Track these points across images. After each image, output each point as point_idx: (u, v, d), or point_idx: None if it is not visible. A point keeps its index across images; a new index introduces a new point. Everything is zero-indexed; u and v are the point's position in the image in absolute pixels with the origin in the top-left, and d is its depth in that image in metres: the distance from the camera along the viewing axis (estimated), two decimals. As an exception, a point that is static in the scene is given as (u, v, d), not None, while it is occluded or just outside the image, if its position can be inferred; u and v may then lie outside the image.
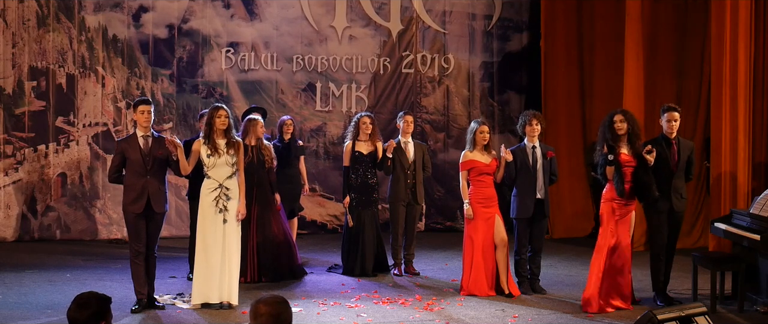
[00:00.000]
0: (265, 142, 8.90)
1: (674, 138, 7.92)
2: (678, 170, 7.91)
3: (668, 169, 7.85)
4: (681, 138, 8.01)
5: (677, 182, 7.91)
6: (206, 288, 7.67)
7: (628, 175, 7.74)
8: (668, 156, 7.86)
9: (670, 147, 7.90)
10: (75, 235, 11.62)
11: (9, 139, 11.42)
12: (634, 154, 7.74)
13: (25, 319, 7.27)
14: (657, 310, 5.28)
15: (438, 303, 7.98)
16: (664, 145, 7.89)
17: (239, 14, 12.21)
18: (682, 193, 7.96)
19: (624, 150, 7.76)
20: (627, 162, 7.73)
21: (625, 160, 7.73)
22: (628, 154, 7.75)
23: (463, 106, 13.07)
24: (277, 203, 9.02)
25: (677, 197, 7.91)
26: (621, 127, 7.76)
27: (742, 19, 9.71)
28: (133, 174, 7.54)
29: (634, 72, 11.18)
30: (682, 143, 7.98)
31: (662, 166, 7.80)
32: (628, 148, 7.77)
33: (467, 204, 8.37)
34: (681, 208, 7.97)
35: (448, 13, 12.98)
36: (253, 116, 9.04)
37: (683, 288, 8.66)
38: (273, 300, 3.77)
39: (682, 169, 7.94)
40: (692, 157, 7.98)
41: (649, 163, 7.68)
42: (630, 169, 7.75)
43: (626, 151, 7.76)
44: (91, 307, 4.00)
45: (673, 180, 7.88)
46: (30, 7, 11.43)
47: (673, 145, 7.91)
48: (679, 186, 7.94)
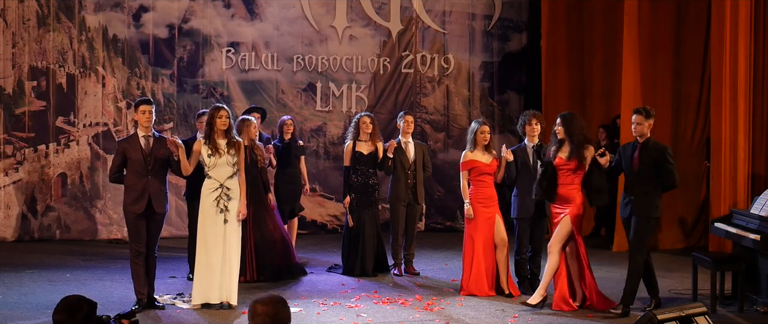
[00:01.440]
0: (257, 143, 8.89)
1: (642, 141, 7.57)
2: (640, 174, 7.51)
3: (630, 173, 7.58)
4: (652, 141, 7.58)
5: (638, 187, 7.52)
6: (206, 288, 7.68)
7: (562, 178, 7.70)
8: (631, 160, 7.58)
9: (634, 151, 7.59)
10: (75, 235, 11.62)
11: (9, 139, 11.42)
12: (576, 158, 7.61)
13: (25, 319, 7.27)
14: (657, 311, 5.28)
15: (438, 303, 7.98)
16: (632, 148, 7.66)
17: (240, 14, 12.22)
18: (645, 199, 7.48)
19: (562, 154, 7.70)
20: (561, 165, 7.70)
21: (558, 164, 7.70)
22: (563, 158, 7.68)
23: (463, 106, 13.07)
24: (271, 203, 9.01)
25: (638, 202, 7.50)
26: (558, 131, 7.74)
27: (742, 19, 9.71)
28: (134, 174, 7.54)
29: (633, 72, 11.18)
30: (649, 147, 7.54)
31: (626, 170, 7.63)
32: (566, 152, 7.68)
33: (468, 204, 8.38)
34: (639, 211, 7.50)
35: (447, 13, 12.98)
36: (245, 116, 9.05)
37: (683, 288, 8.66)
38: (270, 300, 3.77)
39: (645, 174, 7.49)
40: (663, 162, 7.47)
41: (604, 166, 7.55)
42: (565, 172, 7.69)
43: (564, 155, 7.68)
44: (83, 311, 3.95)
45: (634, 184, 7.55)
46: (30, 7, 11.44)
47: (637, 148, 7.59)
48: (642, 191, 7.50)
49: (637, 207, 7.50)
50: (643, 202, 7.48)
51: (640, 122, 7.56)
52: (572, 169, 7.67)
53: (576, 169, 7.66)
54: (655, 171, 7.49)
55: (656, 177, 7.49)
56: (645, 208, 7.48)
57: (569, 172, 7.68)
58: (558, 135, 7.76)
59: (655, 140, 7.63)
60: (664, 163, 7.46)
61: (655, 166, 7.48)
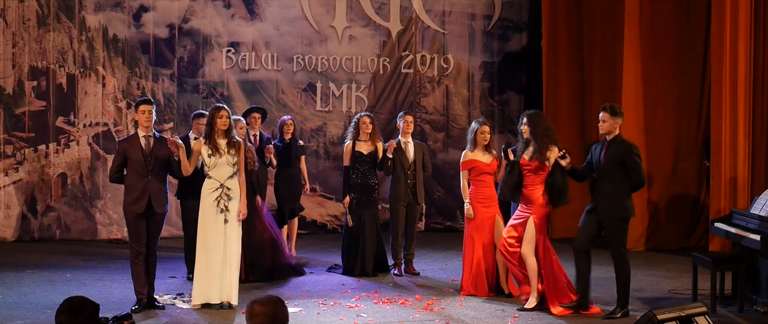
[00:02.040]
0: (247, 144, 8.87)
1: (609, 139, 7.39)
2: (604, 173, 7.36)
3: (597, 172, 7.43)
4: (620, 139, 7.39)
5: (604, 186, 7.37)
6: (207, 288, 7.67)
7: (526, 179, 7.66)
8: (598, 158, 7.44)
9: (600, 149, 7.46)
10: (75, 235, 11.62)
11: (9, 139, 11.42)
12: (538, 158, 7.55)
13: (25, 319, 7.27)
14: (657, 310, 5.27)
15: (438, 303, 7.98)
16: (600, 147, 7.48)
17: (240, 14, 12.22)
18: (612, 198, 7.32)
19: (526, 155, 7.67)
20: (523, 166, 7.67)
21: (522, 164, 7.68)
22: (526, 158, 7.65)
23: (463, 106, 13.07)
24: (258, 204, 8.99)
25: (604, 203, 7.36)
26: (524, 131, 7.71)
27: (742, 19, 9.71)
28: (134, 174, 7.54)
29: (633, 72, 11.18)
30: (616, 145, 7.37)
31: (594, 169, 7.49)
32: (529, 152, 7.65)
33: (468, 204, 8.37)
34: (608, 213, 7.34)
35: (447, 13, 12.98)
36: (235, 116, 9.03)
37: (683, 288, 8.66)
38: (268, 300, 3.77)
39: (611, 173, 7.32)
40: (628, 160, 7.27)
41: (566, 167, 7.46)
42: (527, 173, 7.65)
43: (527, 156, 7.65)
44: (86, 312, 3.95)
45: (598, 183, 7.42)
46: (30, 7, 11.44)
47: (603, 146, 7.44)
48: (608, 190, 7.34)
49: (604, 208, 7.34)
50: (609, 203, 7.32)
51: (606, 120, 7.39)
52: (533, 170, 7.61)
53: (537, 169, 7.60)
54: (622, 169, 7.30)
55: (624, 176, 7.31)
56: (614, 208, 7.32)
57: (531, 172, 7.63)
58: (524, 134, 7.71)
59: (622, 138, 7.45)
60: (630, 161, 7.28)
61: (621, 165, 7.30)
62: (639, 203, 11.26)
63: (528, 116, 7.74)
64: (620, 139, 7.42)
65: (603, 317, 7.45)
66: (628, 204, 7.37)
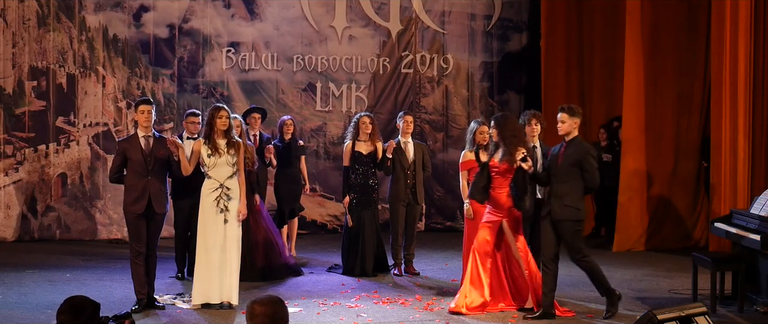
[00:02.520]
0: (247, 144, 8.86)
1: (567, 140, 7.34)
2: (560, 174, 7.28)
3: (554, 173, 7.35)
4: (578, 140, 7.32)
5: (559, 187, 7.29)
6: (207, 288, 7.67)
7: (494, 181, 7.61)
8: (553, 160, 7.38)
9: (558, 150, 7.40)
10: (75, 235, 11.62)
11: (9, 139, 11.43)
12: (507, 161, 7.48)
13: (25, 319, 7.27)
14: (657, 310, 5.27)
15: (438, 303, 7.97)
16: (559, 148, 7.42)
17: (240, 14, 12.22)
18: (565, 200, 7.24)
19: (495, 157, 7.60)
20: (493, 168, 7.62)
21: (491, 166, 7.63)
22: (496, 160, 7.58)
23: (463, 106, 13.07)
24: (256, 204, 8.99)
25: (557, 204, 7.28)
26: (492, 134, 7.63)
27: (742, 19, 9.71)
28: (134, 174, 7.54)
29: (634, 72, 11.18)
30: (574, 146, 7.30)
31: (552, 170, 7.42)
32: (499, 155, 7.58)
33: (467, 204, 8.37)
34: (561, 215, 7.26)
35: (447, 13, 12.98)
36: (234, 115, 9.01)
37: (683, 288, 8.67)
38: (268, 300, 3.77)
39: (567, 174, 7.25)
40: (584, 162, 7.20)
41: (528, 170, 7.36)
42: (496, 175, 7.60)
43: (496, 158, 7.59)
44: (87, 311, 3.95)
45: (553, 185, 7.34)
46: (30, 7, 11.44)
47: (560, 148, 7.38)
48: (561, 192, 7.27)
49: (558, 211, 7.25)
50: (563, 204, 7.24)
51: (564, 120, 7.33)
52: (502, 172, 7.55)
53: (506, 172, 7.54)
54: (578, 171, 7.24)
55: (580, 178, 7.24)
56: (567, 212, 7.24)
57: (499, 174, 7.57)
58: (493, 138, 7.66)
59: (581, 139, 7.38)
60: (586, 162, 7.21)
61: (577, 166, 7.23)
62: (639, 203, 11.30)
63: (495, 120, 7.67)
64: (578, 140, 7.36)
65: (603, 317, 7.44)
66: (580, 206, 7.29)
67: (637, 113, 11.23)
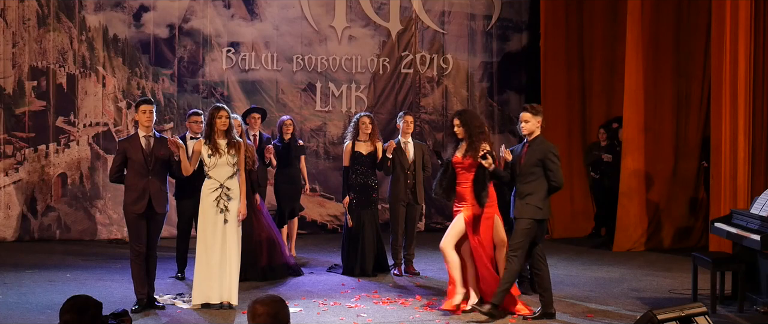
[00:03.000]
0: (247, 143, 8.86)
1: (530, 139, 7.31)
2: (524, 173, 7.24)
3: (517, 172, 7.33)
4: (540, 139, 7.28)
5: (521, 187, 7.26)
6: (207, 288, 7.67)
7: (459, 177, 7.59)
8: (516, 159, 7.36)
9: (520, 149, 7.39)
10: (75, 235, 11.62)
11: (9, 139, 11.43)
12: (471, 156, 7.46)
13: (25, 319, 7.27)
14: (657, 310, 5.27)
15: (438, 303, 7.97)
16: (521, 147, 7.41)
17: (240, 14, 12.22)
18: (527, 199, 7.20)
19: (458, 152, 7.59)
20: (457, 164, 7.60)
21: (455, 162, 7.61)
22: (460, 156, 7.57)
23: (462, 106, 13.06)
24: (257, 203, 8.99)
25: (520, 202, 7.25)
26: (457, 131, 7.58)
27: (742, 19, 9.71)
28: (134, 174, 7.53)
29: (634, 72, 11.19)
30: (536, 145, 7.26)
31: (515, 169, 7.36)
32: (462, 150, 7.56)
33: (467, 204, 8.36)
34: (520, 213, 7.22)
35: (447, 13, 12.99)
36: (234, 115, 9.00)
37: (683, 288, 8.67)
38: (270, 300, 3.78)
39: (530, 173, 7.21)
40: (547, 161, 7.16)
41: (488, 167, 7.33)
42: (460, 171, 7.57)
43: (460, 154, 7.57)
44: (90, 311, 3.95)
45: (517, 184, 7.31)
46: (30, 7, 11.44)
47: (523, 147, 7.37)
48: (525, 191, 7.23)
49: (520, 208, 7.25)
50: (526, 204, 7.21)
51: (528, 120, 7.30)
52: (467, 167, 7.54)
53: (470, 167, 7.53)
54: (541, 170, 7.20)
55: (543, 177, 7.21)
56: (528, 211, 7.20)
57: (464, 170, 7.56)
58: (458, 135, 7.60)
59: (543, 138, 7.33)
60: (549, 161, 7.17)
61: (540, 166, 7.20)
62: (639, 203, 11.30)
63: (459, 116, 7.63)
64: (541, 139, 7.32)
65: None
66: (542, 205, 7.23)
67: (637, 113, 11.23)
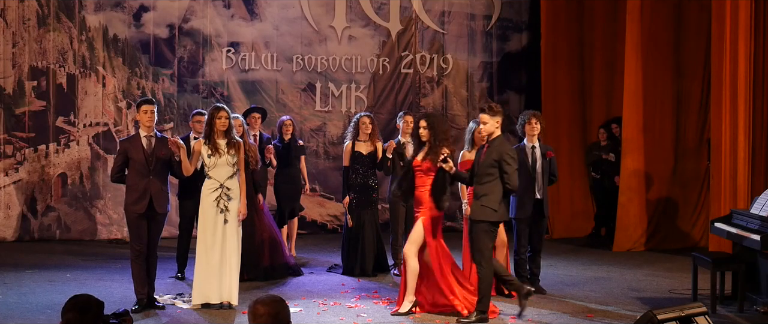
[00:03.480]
0: (249, 143, 8.85)
1: (489, 141, 7.27)
2: (481, 175, 7.19)
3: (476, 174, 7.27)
4: (498, 141, 7.23)
5: (478, 188, 7.21)
6: (207, 288, 7.67)
7: (416, 180, 7.50)
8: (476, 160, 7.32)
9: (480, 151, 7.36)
10: (75, 235, 11.62)
11: (9, 139, 11.42)
12: (431, 160, 7.38)
13: (25, 319, 7.27)
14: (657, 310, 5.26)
15: (438, 303, 7.97)
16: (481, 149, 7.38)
17: (240, 14, 12.22)
18: (483, 200, 7.15)
19: (419, 156, 7.50)
20: (416, 167, 7.52)
21: (414, 165, 7.52)
22: (419, 159, 7.49)
23: (462, 106, 13.07)
24: (259, 202, 8.99)
25: (476, 204, 7.19)
26: (422, 134, 7.48)
27: (742, 19, 9.71)
28: (135, 174, 7.53)
29: (633, 72, 11.19)
30: (494, 146, 7.22)
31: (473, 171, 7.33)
32: (423, 153, 7.47)
33: (466, 204, 8.36)
34: (477, 216, 7.17)
35: (447, 13, 12.99)
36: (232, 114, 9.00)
37: (683, 288, 8.67)
38: (270, 300, 3.78)
39: (486, 174, 7.16)
40: (503, 162, 7.11)
41: (448, 171, 7.25)
42: (419, 174, 7.48)
43: (420, 157, 7.49)
44: (92, 310, 3.95)
45: (475, 186, 7.28)
46: (30, 7, 11.44)
47: (482, 148, 7.34)
48: (480, 192, 7.17)
49: (476, 210, 7.19)
50: (481, 205, 7.16)
51: (487, 121, 7.24)
52: (425, 171, 7.46)
53: (429, 170, 7.45)
54: (497, 171, 7.15)
55: (500, 179, 7.15)
56: (484, 213, 7.15)
57: (422, 173, 7.48)
58: (422, 137, 7.50)
59: (502, 139, 7.27)
60: (505, 163, 7.12)
61: (496, 167, 7.14)
62: (639, 203, 11.30)
63: (428, 119, 7.55)
64: (500, 140, 7.25)
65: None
66: (498, 208, 7.16)
67: (636, 113, 11.23)
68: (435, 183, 7.42)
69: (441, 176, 7.40)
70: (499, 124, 7.28)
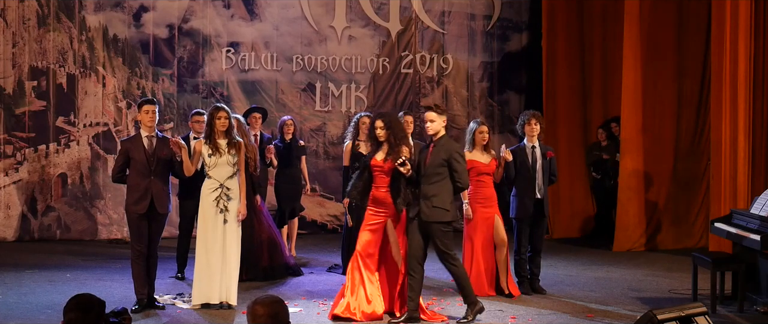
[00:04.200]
0: (249, 143, 8.85)
1: (435, 140, 7.14)
2: (428, 174, 7.05)
3: (421, 174, 7.13)
4: (445, 140, 7.13)
5: (426, 189, 7.06)
6: (207, 288, 7.67)
7: (377, 180, 7.34)
8: (422, 160, 7.16)
9: (426, 150, 7.19)
10: (75, 235, 11.62)
11: (9, 139, 11.43)
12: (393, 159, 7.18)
13: (25, 319, 7.27)
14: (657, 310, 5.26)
15: (438, 303, 7.97)
16: (426, 148, 7.25)
17: (239, 14, 12.22)
18: (433, 200, 7.02)
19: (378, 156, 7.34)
20: (376, 167, 7.36)
21: (373, 165, 7.36)
22: (380, 159, 7.32)
23: (462, 107, 13.08)
24: (258, 203, 8.99)
25: (426, 205, 7.05)
26: (380, 134, 7.29)
27: (742, 19, 9.72)
28: (136, 174, 7.53)
29: (633, 72, 11.19)
30: (440, 146, 7.08)
31: (420, 171, 7.15)
32: (383, 154, 7.30)
33: (466, 204, 8.36)
34: (429, 217, 7.03)
35: (447, 13, 12.99)
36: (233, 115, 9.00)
37: (683, 288, 8.67)
38: (269, 300, 3.78)
39: (435, 174, 7.03)
40: (452, 161, 7.02)
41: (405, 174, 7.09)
42: (380, 174, 7.33)
43: (380, 157, 7.32)
44: (95, 309, 3.96)
45: (422, 186, 7.11)
46: (30, 7, 11.44)
47: (428, 147, 7.19)
48: (429, 192, 7.04)
49: (427, 212, 7.02)
50: (432, 206, 7.02)
51: (433, 119, 7.11)
52: (386, 171, 7.31)
53: (389, 171, 7.30)
54: (446, 171, 7.05)
55: (448, 178, 7.06)
56: (436, 214, 7.02)
57: (383, 173, 7.34)
58: (379, 138, 7.34)
59: (448, 138, 7.21)
60: (454, 161, 7.02)
61: (445, 166, 7.04)
62: (638, 203, 11.30)
63: (384, 118, 7.39)
64: (446, 139, 7.17)
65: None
66: (451, 208, 7.09)
67: (636, 113, 11.23)
68: (391, 185, 7.27)
69: (396, 178, 7.23)
70: (446, 122, 7.19)
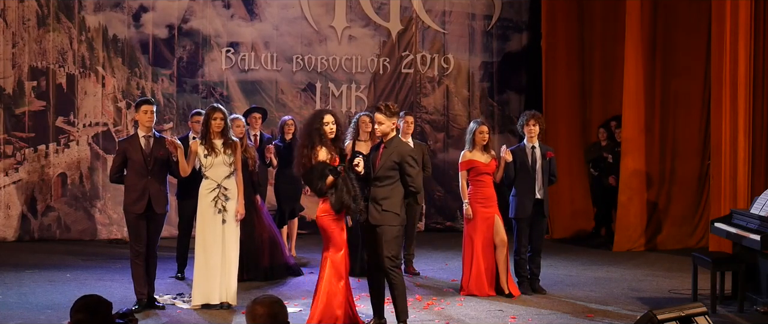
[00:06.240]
0: (248, 143, 8.85)
1: (385, 142, 6.87)
2: (379, 177, 6.80)
3: (372, 176, 6.88)
4: (396, 142, 6.89)
5: (377, 191, 6.81)
6: (207, 288, 7.67)
7: None
8: (372, 162, 6.91)
9: (377, 152, 6.93)
10: (75, 235, 11.62)
11: (9, 139, 11.43)
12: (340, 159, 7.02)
13: (25, 319, 7.27)
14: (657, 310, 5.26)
15: (438, 303, 7.98)
16: (376, 149, 6.99)
17: (239, 14, 12.22)
18: (384, 204, 6.77)
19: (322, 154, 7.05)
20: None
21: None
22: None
23: (463, 106, 13.07)
24: (258, 203, 9.00)
25: (375, 208, 6.81)
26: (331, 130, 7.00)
27: (742, 19, 9.71)
28: (134, 174, 7.54)
29: (633, 72, 11.18)
30: (391, 148, 6.83)
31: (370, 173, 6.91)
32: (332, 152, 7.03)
33: (467, 204, 8.37)
34: (379, 221, 6.78)
35: (447, 13, 12.98)
36: (234, 115, 9.02)
37: (683, 288, 8.67)
38: (269, 300, 3.79)
39: (385, 177, 6.79)
40: (405, 164, 6.76)
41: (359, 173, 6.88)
42: None
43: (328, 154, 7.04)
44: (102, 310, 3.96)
45: (372, 189, 6.86)
46: (30, 7, 11.44)
47: (378, 149, 6.93)
48: (378, 195, 6.79)
49: (377, 216, 6.78)
50: (383, 210, 6.78)
51: (383, 121, 6.80)
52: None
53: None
54: (396, 173, 6.81)
55: (399, 181, 6.82)
56: (386, 218, 6.78)
57: None
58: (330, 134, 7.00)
59: (400, 140, 6.99)
60: (405, 165, 6.78)
61: (396, 169, 6.80)
62: (638, 203, 11.29)
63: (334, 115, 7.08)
64: (397, 141, 6.92)
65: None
66: (402, 211, 6.86)
67: (636, 113, 11.23)
68: (335, 184, 6.94)
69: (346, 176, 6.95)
70: (396, 124, 6.95)
